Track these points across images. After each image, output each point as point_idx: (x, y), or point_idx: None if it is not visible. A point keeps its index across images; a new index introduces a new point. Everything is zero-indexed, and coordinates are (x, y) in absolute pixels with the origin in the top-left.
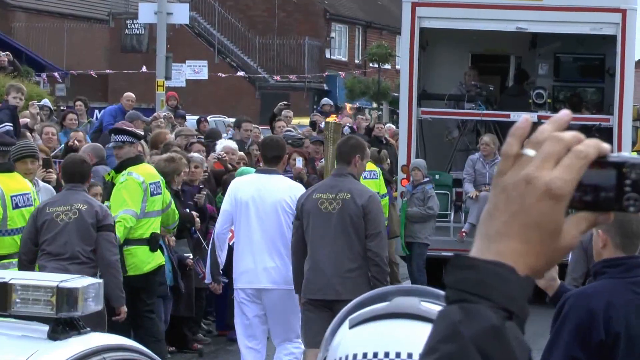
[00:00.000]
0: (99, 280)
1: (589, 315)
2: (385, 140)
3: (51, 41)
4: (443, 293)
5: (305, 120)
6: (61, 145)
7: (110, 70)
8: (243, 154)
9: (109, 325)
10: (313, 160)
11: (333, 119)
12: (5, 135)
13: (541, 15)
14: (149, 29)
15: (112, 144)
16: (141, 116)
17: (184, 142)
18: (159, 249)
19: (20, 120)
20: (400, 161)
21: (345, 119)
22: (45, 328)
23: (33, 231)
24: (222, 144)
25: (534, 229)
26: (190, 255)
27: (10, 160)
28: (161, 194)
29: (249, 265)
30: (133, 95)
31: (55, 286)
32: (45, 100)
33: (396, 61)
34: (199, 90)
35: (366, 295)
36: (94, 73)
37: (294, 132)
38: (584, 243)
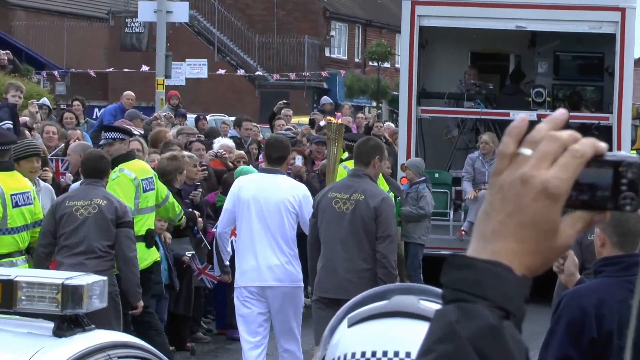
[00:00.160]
0: (104, 277)
1: (580, 313)
2: (385, 139)
3: (51, 40)
4: (442, 291)
5: (305, 119)
6: (61, 145)
7: (109, 69)
8: (243, 153)
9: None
10: (312, 160)
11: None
12: (5, 134)
13: (540, 13)
14: (149, 28)
15: (103, 141)
16: (140, 115)
17: (185, 141)
18: (154, 246)
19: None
20: (399, 160)
21: (346, 118)
22: (50, 325)
23: (52, 223)
24: (220, 142)
25: (530, 228)
26: (193, 252)
27: (10, 159)
28: (154, 189)
29: (253, 263)
30: (133, 94)
31: (61, 283)
32: (44, 99)
33: (396, 60)
34: (198, 88)
35: (365, 293)
36: (93, 72)
37: (288, 131)
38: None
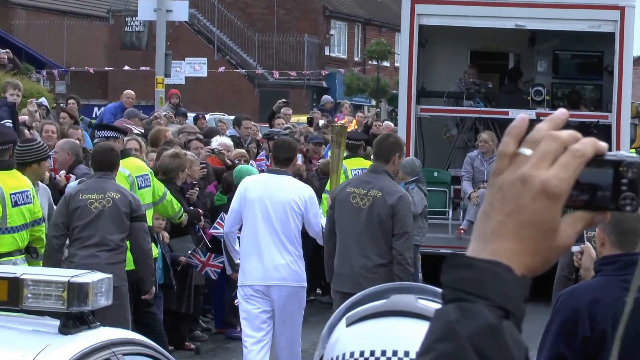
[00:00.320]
0: (109, 275)
1: (574, 312)
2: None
3: (51, 38)
4: (440, 290)
5: (305, 118)
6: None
7: (109, 68)
8: (244, 151)
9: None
10: (309, 159)
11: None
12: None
13: (540, 12)
14: (149, 26)
15: (97, 140)
16: (139, 114)
17: (185, 140)
18: (152, 243)
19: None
20: None
21: (347, 118)
22: (56, 323)
23: (65, 215)
24: (218, 140)
25: (529, 228)
26: (194, 248)
27: (10, 157)
28: (150, 186)
29: (258, 262)
30: (133, 93)
31: (67, 281)
32: (43, 99)
33: (395, 58)
34: (198, 87)
35: (363, 292)
36: (92, 70)
37: (280, 129)
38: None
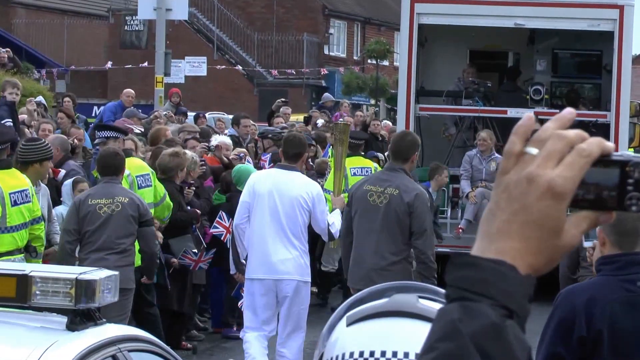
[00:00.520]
0: (116, 272)
1: (571, 311)
2: (381, 137)
3: (51, 37)
4: (441, 290)
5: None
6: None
7: (109, 66)
8: (245, 150)
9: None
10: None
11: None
12: (4, 132)
13: (539, 11)
14: (149, 25)
15: (97, 140)
16: (138, 113)
17: (183, 139)
18: None
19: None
20: None
21: (347, 118)
22: (63, 319)
23: (76, 222)
24: (217, 139)
25: (535, 227)
26: (195, 250)
27: (8, 156)
28: (151, 186)
29: (264, 256)
30: (132, 92)
31: (75, 278)
32: (40, 98)
33: (394, 57)
34: (197, 86)
35: (365, 291)
36: (92, 69)
37: (275, 128)
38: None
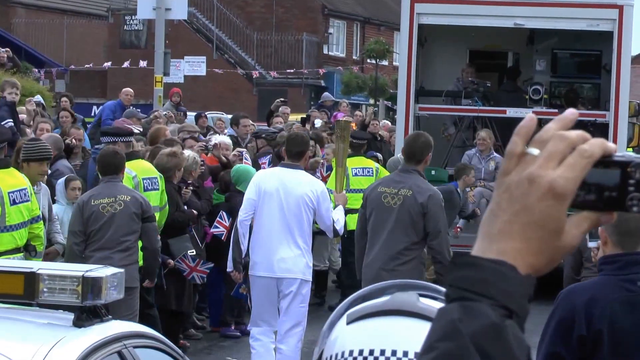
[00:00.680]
0: (121, 270)
1: (571, 310)
2: (380, 137)
3: (50, 37)
4: (443, 288)
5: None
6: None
7: (107, 64)
8: (245, 150)
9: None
10: None
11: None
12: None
13: (539, 11)
14: (148, 25)
15: (103, 145)
16: (137, 113)
17: (181, 138)
18: None
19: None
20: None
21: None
22: (70, 316)
23: (81, 223)
24: (217, 139)
25: (536, 227)
26: (193, 251)
27: (6, 156)
28: (157, 190)
29: (268, 254)
30: (131, 91)
31: (81, 276)
32: (38, 97)
33: (394, 57)
34: (196, 86)
35: (366, 289)
36: (91, 68)
37: (269, 128)
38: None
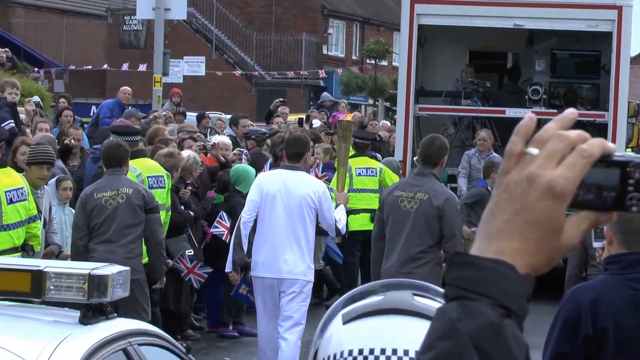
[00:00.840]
0: (127, 267)
1: (576, 310)
2: (379, 137)
3: (50, 37)
4: (432, 286)
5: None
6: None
7: (106, 65)
8: (245, 150)
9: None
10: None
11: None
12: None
13: (538, 12)
14: (147, 25)
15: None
16: (136, 113)
17: (180, 139)
18: None
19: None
20: (396, 157)
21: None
22: (76, 313)
23: (84, 217)
24: (217, 139)
25: (535, 227)
26: (191, 251)
27: (3, 155)
28: (164, 188)
29: (270, 255)
30: (129, 89)
31: (87, 273)
32: (35, 97)
33: (393, 57)
34: (196, 86)
35: (357, 289)
36: (90, 68)
37: (258, 129)
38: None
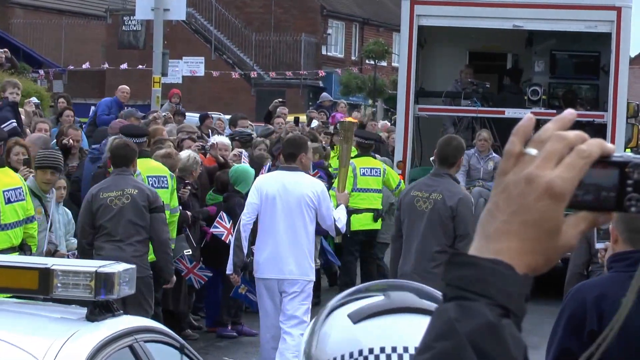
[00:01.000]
0: (133, 265)
1: (581, 306)
2: (378, 137)
3: (49, 37)
4: (425, 287)
5: (301, 117)
6: (52, 141)
7: (105, 65)
8: (243, 150)
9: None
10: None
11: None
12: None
13: (537, 13)
14: (146, 26)
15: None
16: (135, 113)
17: (179, 139)
18: None
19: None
20: (396, 157)
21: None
22: (83, 310)
23: (89, 216)
24: (216, 139)
25: (533, 227)
26: (189, 251)
27: (2, 155)
28: (167, 188)
29: (270, 256)
30: (127, 88)
31: (94, 271)
32: (33, 98)
33: (392, 58)
34: (195, 87)
35: (355, 288)
36: (89, 69)
37: (242, 130)
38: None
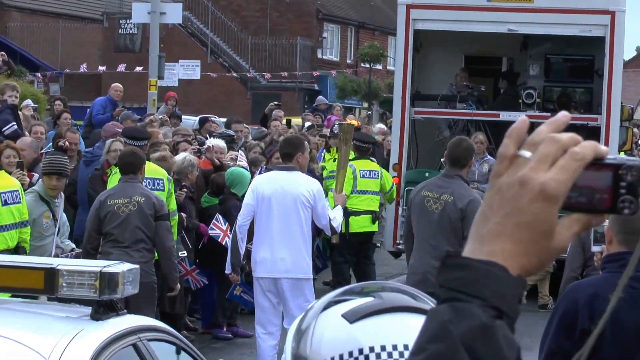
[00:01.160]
0: (137, 265)
1: (574, 305)
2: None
3: (45, 41)
4: (417, 291)
5: (297, 120)
6: (49, 144)
7: (102, 68)
8: (240, 153)
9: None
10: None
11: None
12: None
13: (532, 17)
14: (143, 29)
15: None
16: (132, 116)
17: (175, 142)
18: None
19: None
20: (392, 160)
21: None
22: (88, 310)
23: (97, 222)
24: (212, 142)
25: (526, 229)
26: (184, 253)
27: None
28: (163, 191)
29: (267, 255)
30: (121, 86)
31: (99, 271)
32: (28, 101)
33: (387, 61)
34: (191, 90)
35: (348, 287)
36: (85, 72)
37: (224, 131)
38: (581, 236)
